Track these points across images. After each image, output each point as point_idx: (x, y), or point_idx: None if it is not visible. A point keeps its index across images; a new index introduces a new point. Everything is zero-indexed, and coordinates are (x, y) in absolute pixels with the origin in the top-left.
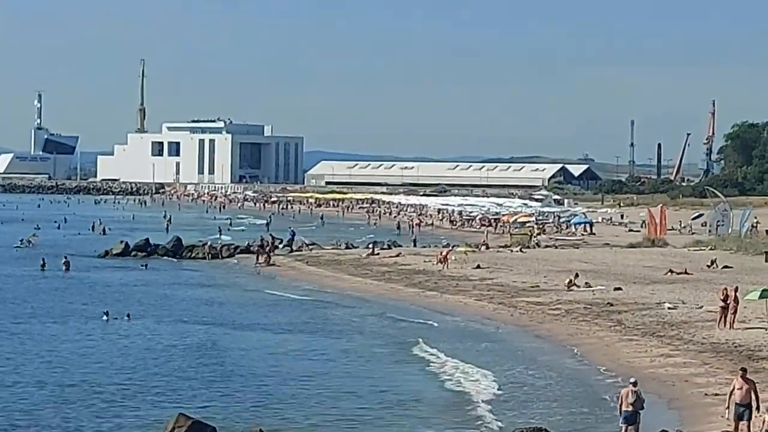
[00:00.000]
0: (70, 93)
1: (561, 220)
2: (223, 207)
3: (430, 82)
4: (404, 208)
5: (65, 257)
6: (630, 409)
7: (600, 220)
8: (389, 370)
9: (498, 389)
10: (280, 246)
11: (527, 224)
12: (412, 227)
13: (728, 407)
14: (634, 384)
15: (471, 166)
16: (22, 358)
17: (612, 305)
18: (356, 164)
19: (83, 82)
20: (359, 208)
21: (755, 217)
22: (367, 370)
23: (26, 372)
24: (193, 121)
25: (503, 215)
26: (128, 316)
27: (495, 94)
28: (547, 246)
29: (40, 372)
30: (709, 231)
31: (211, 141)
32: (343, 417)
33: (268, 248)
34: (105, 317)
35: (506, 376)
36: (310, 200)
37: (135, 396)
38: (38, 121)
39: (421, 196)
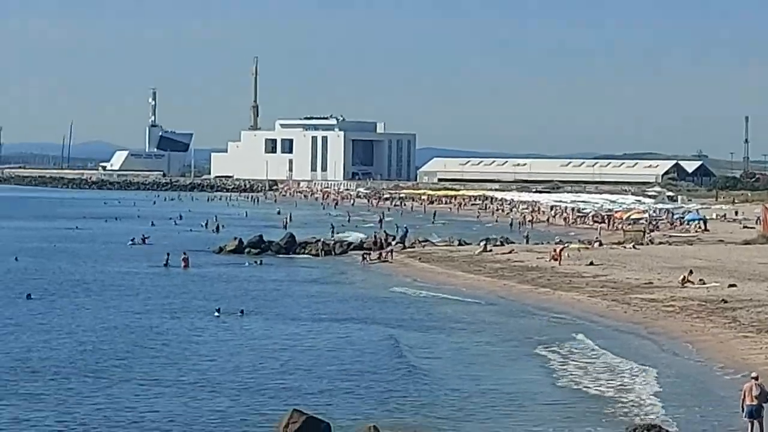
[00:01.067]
0: (184, 91)
1: (674, 216)
2: (336, 204)
3: (544, 80)
4: (516, 205)
5: (184, 254)
6: (755, 403)
7: (714, 216)
8: (508, 368)
9: (613, 386)
10: (393, 243)
11: (640, 221)
12: (525, 224)
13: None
14: (756, 378)
15: (584, 162)
16: (140, 353)
17: (726, 302)
18: (468, 161)
19: (197, 80)
20: (471, 204)
21: None
22: (485, 367)
23: (145, 369)
24: (306, 119)
25: (616, 212)
26: (241, 312)
27: (608, 92)
28: (660, 243)
29: (156, 368)
30: None
31: (324, 138)
32: (468, 415)
33: (381, 245)
34: (216, 314)
35: (621, 373)
36: (423, 197)
37: (248, 392)
38: (153, 118)
39: (534, 192)
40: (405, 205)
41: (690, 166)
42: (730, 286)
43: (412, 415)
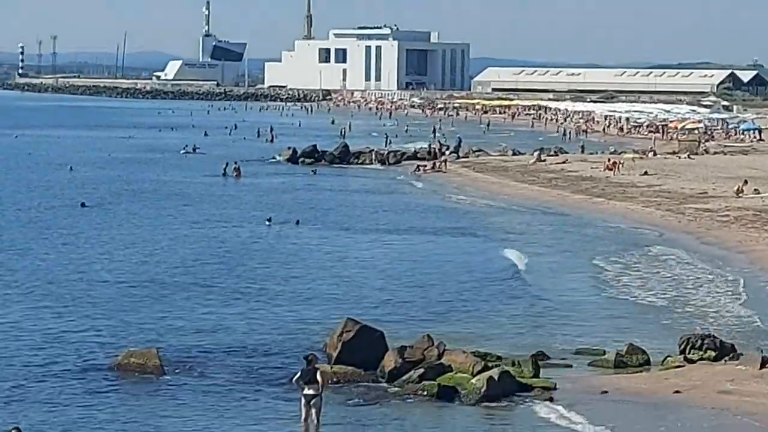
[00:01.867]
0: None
1: (729, 126)
2: (390, 114)
3: None
4: (570, 115)
5: (236, 164)
6: None
7: None
8: (563, 279)
9: (668, 296)
10: (447, 152)
11: (695, 131)
12: (579, 134)
13: None
14: None
15: (638, 72)
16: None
17: None
18: (522, 71)
19: None
20: (525, 114)
21: None
22: (538, 277)
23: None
24: (360, 28)
25: (671, 122)
26: (297, 222)
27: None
28: (715, 153)
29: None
30: None
31: (378, 48)
32: (517, 326)
33: (435, 155)
34: (268, 223)
35: (672, 283)
36: (477, 107)
37: (304, 301)
38: (206, 28)
39: (588, 102)
40: (459, 114)
41: (745, 76)
42: None
43: (465, 325)
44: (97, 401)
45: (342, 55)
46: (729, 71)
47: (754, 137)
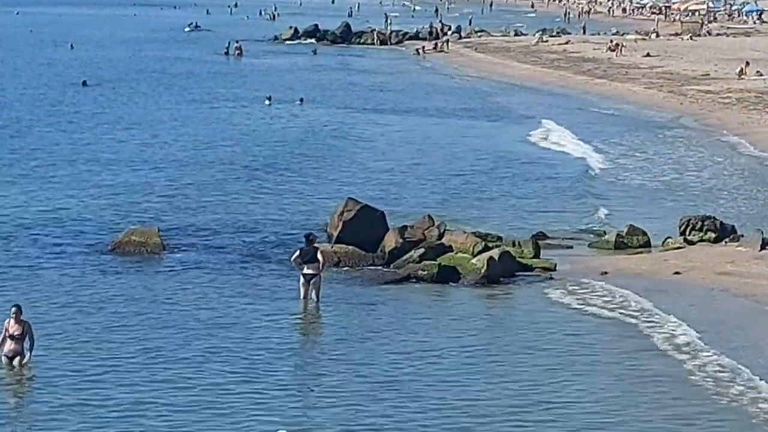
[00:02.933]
0: None
1: (732, 8)
2: None
3: None
4: None
5: (237, 43)
6: None
7: None
8: (559, 161)
9: (666, 180)
10: (449, 33)
11: (698, 12)
12: (582, 14)
13: None
14: None
15: None
16: (204, 137)
17: None
18: None
19: None
20: None
21: None
22: (533, 153)
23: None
24: None
25: (674, 3)
26: (300, 101)
27: None
28: (718, 34)
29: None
30: None
31: None
32: (520, 207)
33: (437, 35)
34: (267, 102)
35: (673, 165)
36: None
37: (303, 181)
38: None
39: None
40: None
41: None
42: None
43: (465, 209)
44: (98, 279)
45: None
46: None
47: (757, 19)
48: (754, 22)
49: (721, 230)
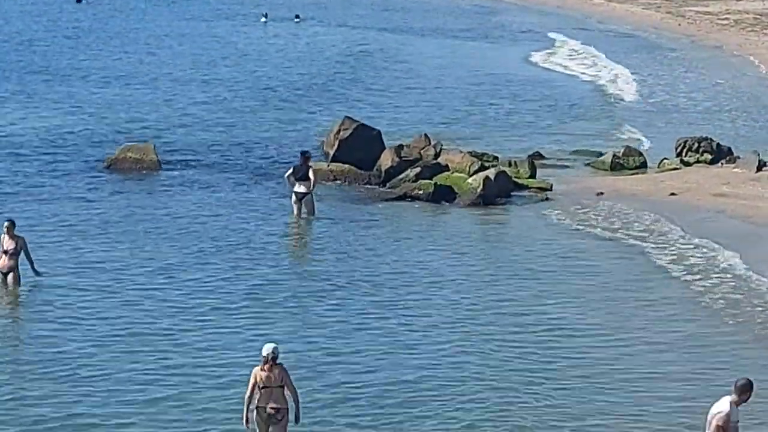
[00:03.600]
0: None
1: None
2: None
3: None
4: None
5: None
6: None
7: None
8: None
9: (664, 98)
10: None
11: None
12: None
13: None
14: None
15: None
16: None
17: None
18: None
19: None
20: None
21: None
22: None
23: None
24: None
25: None
26: (297, 17)
27: None
28: None
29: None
30: None
31: None
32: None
33: None
34: (264, 20)
35: (669, 85)
36: None
37: (300, 98)
38: None
39: None
40: None
41: None
42: None
43: (462, 128)
44: (95, 195)
45: None
46: None
47: None
48: None
49: (717, 152)
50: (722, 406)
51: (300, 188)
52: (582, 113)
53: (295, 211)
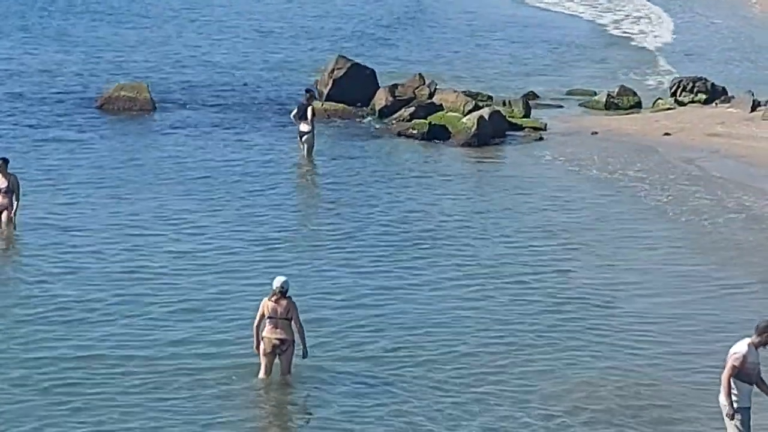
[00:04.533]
0: None
1: None
2: None
3: None
4: None
5: None
6: None
7: None
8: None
9: (659, 39)
10: None
11: None
12: None
13: None
14: None
15: None
16: None
17: None
18: None
19: None
20: None
21: None
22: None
23: None
24: None
25: None
26: None
27: None
28: None
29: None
30: None
31: None
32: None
33: None
34: None
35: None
36: None
37: (292, 38)
38: None
39: None
40: None
41: None
42: None
43: (456, 68)
44: (88, 137)
45: None
46: None
47: None
48: None
49: (712, 92)
50: (740, 347)
51: (303, 127)
52: (578, 54)
53: (301, 148)
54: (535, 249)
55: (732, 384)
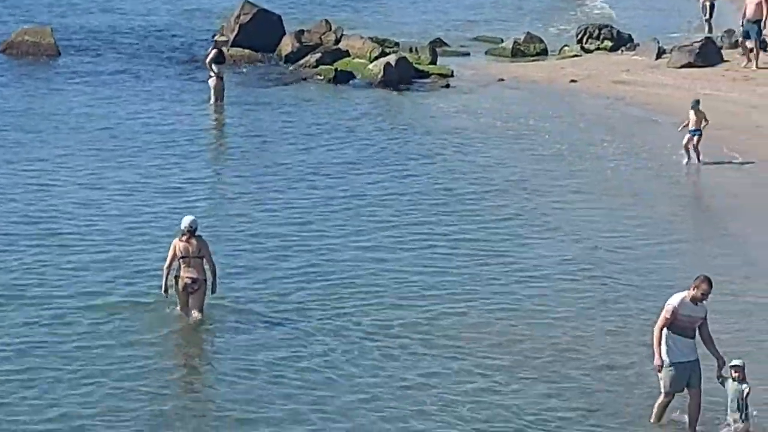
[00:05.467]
0: None
1: None
2: None
3: None
4: None
5: None
6: None
7: None
8: None
9: None
10: None
11: None
12: None
13: None
14: None
15: None
16: None
17: None
18: None
19: None
20: None
21: None
22: None
23: None
24: None
25: None
26: None
27: None
28: None
29: None
30: None
31: None
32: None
33: None
34: None
35: None
36: None
37: None
38: None
39: None
40: None
41: None
42: None
43: (363, 14)
44: None
45: None
46: None
47: None
48: None
49: (617, 39)
50: (673, 299)
51: (215, 72)
52: (485, 1)
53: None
54: (443, 192)
55: (664, 336)
